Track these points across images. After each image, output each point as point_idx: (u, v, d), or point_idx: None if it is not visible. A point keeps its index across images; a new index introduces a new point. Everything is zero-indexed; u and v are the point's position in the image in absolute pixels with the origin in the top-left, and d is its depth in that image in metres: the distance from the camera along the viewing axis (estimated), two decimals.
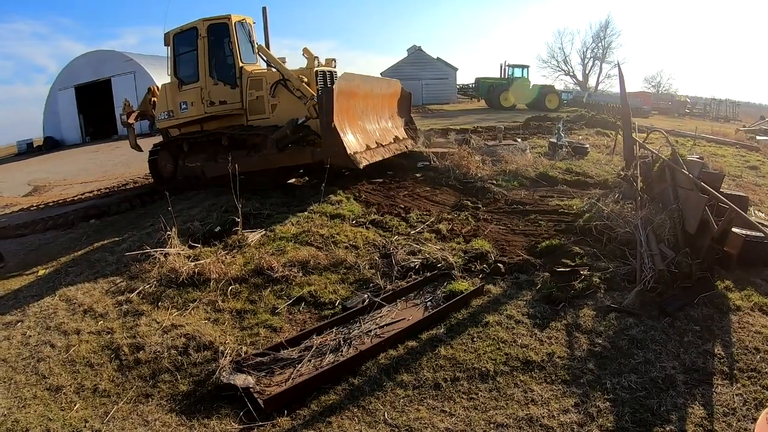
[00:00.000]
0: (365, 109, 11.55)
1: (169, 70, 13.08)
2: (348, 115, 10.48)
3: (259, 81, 11.89)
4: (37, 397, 4.81)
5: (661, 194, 7.30)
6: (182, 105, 12.75)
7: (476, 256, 6.56)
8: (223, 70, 12.26)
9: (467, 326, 5.04)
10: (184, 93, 12.67)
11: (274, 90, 11.61)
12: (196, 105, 12.45)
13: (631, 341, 4.59)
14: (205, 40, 12.12)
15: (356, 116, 10.99)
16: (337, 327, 5.28)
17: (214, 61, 12.27)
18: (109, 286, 7.19)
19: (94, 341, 5.69)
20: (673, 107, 47.34)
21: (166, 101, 13.21)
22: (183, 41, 12.64)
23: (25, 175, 24.57)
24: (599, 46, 67.62)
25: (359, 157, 10.07)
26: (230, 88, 12.15)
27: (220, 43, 12.30)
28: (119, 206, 12.82)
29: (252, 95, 11.99)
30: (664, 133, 10.23)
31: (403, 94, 13.94)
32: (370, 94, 11.83)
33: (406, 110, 14.18)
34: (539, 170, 11.31)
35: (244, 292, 6.37)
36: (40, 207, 15.29)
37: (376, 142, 11.24)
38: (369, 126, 11.54)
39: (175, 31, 12.71)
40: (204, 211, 9.79)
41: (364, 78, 11.61)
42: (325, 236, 7.64)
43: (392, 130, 12.70)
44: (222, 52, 12.33)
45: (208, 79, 12.21)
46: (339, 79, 10.49)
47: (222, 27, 12.11)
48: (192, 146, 12.99)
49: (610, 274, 5.83)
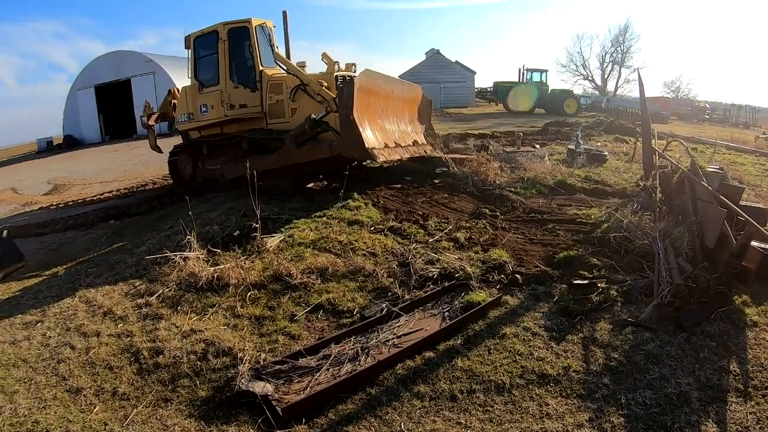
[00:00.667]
0: (385, 109, 11.53)
1: (190, 72, 13.19)
2: (368, 111, 10.46)
3: (279, 85, 11.94)
4: (57, 398, 4.88)
5: (680, 206, 7.25)
6: (202, 108, 12.88)
7: (494, 267, 6.57)
8: (243, 74, 12.35)
9: (484, 338, 5.07)
10: (205, 96, 12.79)
11: (294, 94, 11.66)
12: (216, 108, 12.55)
13: (646, 356, 4.59)
14: (225, 44, 12.23)
15: (376, 114, 10.97)
16: (355, 336, 5.31)
17: (235, 64, 12.38)
18: (129, 288, 7.27)
19: (114, 344, 5.76)
20: (692, 113, 47.00)
21: (187, 104, 13.32)
22: (204, 44, 12.76)
23: (45, 173, 24.83)
24: (618, 50, 67.21)
25: (377, 152, 10.07)
26: (250, 91, 12.23)
27: (241, 46, 12.39)
28: (139, 207, 12.97)
29: (272, 99, 12.06)
30: (684, 144, 10.18)
31: (423, 100, 13.90)
32: (390, 95, 11.82)
33: (427, 116, 14.14)
34: (557, 178, 11.30)
35: (262, 299, 6.41)
36: (60, 206, 15.49)
37: (394, 142, 11.22)
38: (388, 126, 11.52)
39: (196, 34, 12.85)
40: (223, 215, 9.85)
41: (385, 78, 11.63)
42: (344, 243, 7.68)
43: (411, 133, 12.66)
44: (242, 55, 12.42)
45: (228, 82, 12.32)
46: (360, 74, 10.48)
47: (242, 31, 12.20)
48: (212, 149, 13.10)
49: (627, 287, 5.81)
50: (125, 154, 29.07)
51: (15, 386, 5.14)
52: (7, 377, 5.32)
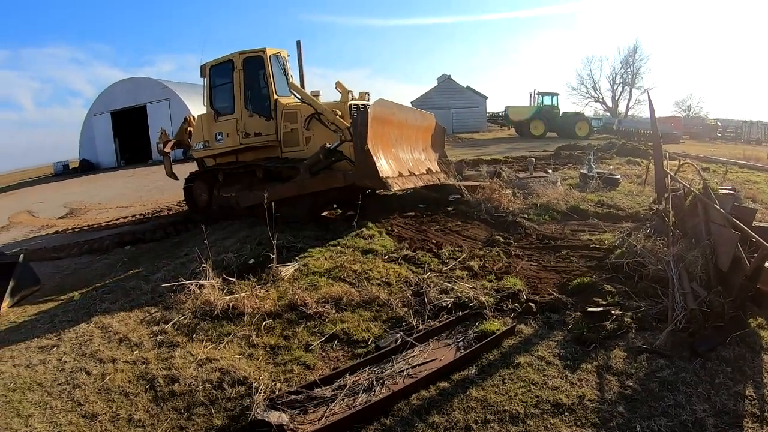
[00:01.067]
0: (399, 138, 11.58)
1: (205, 101, 13.41)
2: (382, 140, 10.51)
3: (294, 114, 12.11)
4: (72, 423, 4.96)
5: (693, 229, 7.24)
6: (218, 136, 13.08)
7: (508, 295, 6.58)
8: (258, 103, 12.55)
9: (498, 367, 5.07)
10: (220, 124, 12.99)
11: (308, 123, 11.80)
12: (231, 136, 12.73)
13: (661, 383, 4.57)
14: (240, 73, 12.45)
15: (390, 143, 11.04)
16: (370, 366, 5.33)
17: (250, 93, 12.59)
18: (144, 315, 7.38)
19: (130, 371, 5.84)
20: (703, 131, 46.99)
21: (202, 131, 13.55)
22: (219, 73, 12.98)
23: (61, 196, 25.19)
24: (628, 71, 67.47)
25: (391, 181, 10.11)
26: (265, 120, 12.42)
27: (256, 75, 12.60)
28: (154, 233, 13.17)
29: (286, 128, 12.21)
30: (695, 167, 10.18)
31: (437, 128, 13.95)
32: (404, 123, 11.87)
33: (440, 144, 14.20)
34: (570, 203, 11.31)
35: (277, 328, 6.45)
36: (76, 230, 15.72)
37: (408, 170, 11.27)
38: (402, 155, 11.57)
39: (212, 63, 13.10)
40: (238, 243, 9.95)
41: (399, 107, 11.70)
42: (358, 272, 7.72)
43: (425, 161, 12.70)
44: (257, 84, 12.63)
45: (243, 110, 12.52)
46: (374, 103, 10.58)
47: (257, 60, 12.42)
48: (227, 176, 13.30)
49: (641, 313, 5.79)
50: (140, 179, 29.37)
51: (30, 410, 5.24)
52: (23, 400, 5.42)
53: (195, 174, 14.73)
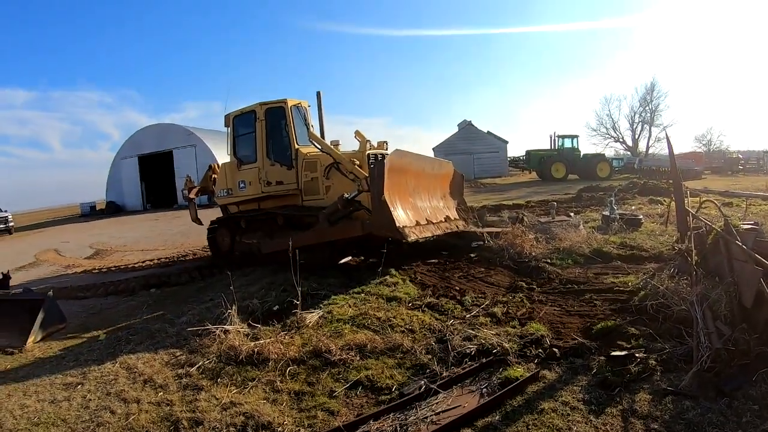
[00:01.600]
0: (417, 187, 11.69)
1: (229, 149, 13.94)
2: (399, 190, 10.64)
3: (314, 163, 12.42)
4: None
5: (716, 267, 7.19)
6: (241, 184, 13.54)
7: (531, 341, 6.56)
8: (279, 152, 12.94)
9: (522, 413, 5.05)
10: (243, 172, 13.45)
11: (328, 173, 12.11)
12: (253, 184, 13.18)
13: (687, 425, 4.52)
14: (262, 123, 12.91)
15: (407, 192, 11.16)
16: (393, 413, 5.34)
17: (271, 143, 13.02)
18: (169, 358, 7.47)
19: (154, 412, 5.90)
20: (725, 165, 46.80)
21: (226, 179, 14.03)
22: (242, 123, 13.49)
23: (88, 237, 25.75)
24: (646, 109, 67.46)
25: (408, 231, 10.18)
26: (286, 169, 12.78)
27: (277, 125, 13.03)
28: (179, 277, 13.44)
29: (307, 176, 12.53)
30: (716, 203, 10.14)
31: (455, 176, 14.06)
32: (422, 173, 12.02)
33: (459, 192, 14.30)
34: (593, 246, 11.29)
35: (302, 374, 6.50)
36: (102, 271, 16.03)
37: (426, 219, 11.36)
38: (420, 203, 11.67)
39: (236, 113, 13.61)
40: (263, 289, 10.07)
41: (416, 156, 11.85)
42: (382, 319, 7.76)
43: (443, 209, 12.79)
44: (279, 134, 13.05)
45: (265, 160, 12.94)
46: (391, 154, 10.74)
47: (279, 111, 12.88)
48: (249, 223, 13.62)
49: (666, 355, 5.75)
50: (166, 223, 29.81)
51: None
52: None
53: (218, 220, 15.12)
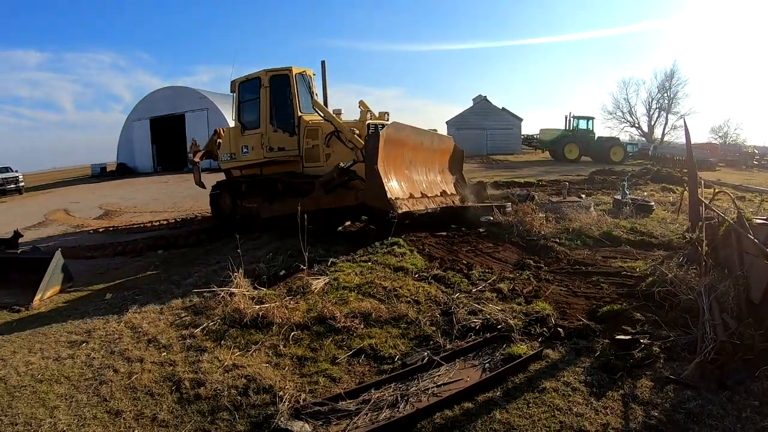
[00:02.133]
0: (414, 160, 11.96)
1: (234, 115, 14.16)
2: (394, 162, 10.86)
3: (316, 131, 12.64)
4: (96, 418, 5.09)
5: (726, 259, 7.13)
6: (244, 149, 13.81)
7: (536, 319, 6.55)
8: (282, 119, 13.13)
9: (524, 391, 5.06)
10: (246, 138, 13.72)
11: (328, 140, 12.34)
12: (256, 150, 13.45)
13: (687, 415, 4.52)
14: (267, 90, 13.08)
15: (403, 165, 11.40)
16: (395, 382, 5.36)
17: (275, 109, 13.18)
18: (174, 318, 7.54)
19: (157, 371, 5.98)
20: (740, 159, 46.28)
21: (230, 144, 14.28)
22: (247, 89, 13.67)
23: (98, 198, 25.83)
24: (665, 96, 66.14)
25: (399, 202, 10.39)
26: (289, 135, 12.99)
27: (282, 92, 13.15)
28: (187, 239, 13.51)
29: (308, 144, 12.77)
30: (730, 195, 10.07)
31: (455, 151, 14.33)
32: (419, 146, 12.23)
33: (458, 167, 14.52)
34: (603, 229, 11.23)
35: (305, 339, 6.54)
36: (110, 231, 16.17)
37: (421, 192, 11.65)
38: (416, 176, 11.95)
39: (241, 79, 13.77)
40: (270, 254, 10.10)
41: (414, 129, 11.97)
42: (388, 289, 7.78)
43: (440, 183, 13.08)
44: (283, 101, 13.16)
45: (268, 126, 13.15)
46: (387, 126, 10.93)
47: (283, 78, 13.03)
48: (250, 188, 13.92)
49: (670, 343, 5.73)
50: (175, 186, 29.82)
51: (56, 401, 5.39)
52: (49, 392, 5.58)
53: (221, 183, 15.59)
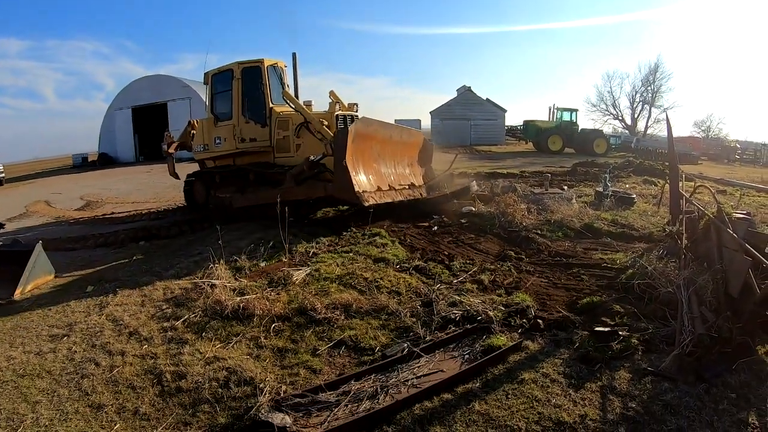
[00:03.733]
0: (382, 153, 12.35)
1: (207, 106, 14.46)
2: (363, 155, 11.23)
3: (286, 122, 12.91)
4: (78, 412, 5.06)
5: (705, 253, 7.20)
6: (216, 140, 14.04)
7: (516, 311, 6.57)
8: (254, 110, 13.37)
9: (503, 382, 5.08)
10: (219, 129, 13.92)
11: (298, 131, 12.61)
12: (228, 141, 13.68)
13: (665, 407, 4.55)
14: (239, 82, 13.31)
15: (371, 158, 11.79)
16: (375, 374, 5.37)
17: (247, 101, 13.40)
18: (155, 311, 7.49)
19: (138, 364, 5.94)
20: (722, 153, 46.71)
21: (203, 135, 14.47)
22: (220, 81, 13.89)
23: (79, 188, 25.56)
24: (648, 90, 66.50)
25: (367, 195, 10.70)
26: (260, 126, 13.26)
27: (253, 84, 13.36)
28: (169, 230, 13.43)
29: (279, 134, 13.05)
30: (711, 190, 10.12)
31: (425, 144, 14.78)
32: (388, 140, 12.63)
33: (427, 160, 14.98)
34: (584, 221, 11.28)
35: (286, 331, 6.52)
36: (92, 222, 16.00)
37: (389, 185, 12.01)
38: (384, 169, 12.35)
39: (214, 71, 14.00)
40: (252, 245, 10.03)
41: (383, 124, 12.42)
42: (369, 280, 7.78)
43: (409, 176, 13.48)
44: (254, 93, 13.37)
45: (240, 117, 13.39)
46: (356, 122, 11.21)
47: (255, 70, 13.26)
48: (223, 178, 14.17)
49: (649, 335, 5.78)
50: (158, 176, 29.60)
51: (38, 396, 5.35)
52: (31, 387, 5.53)
53: (195, 174, 15.97)
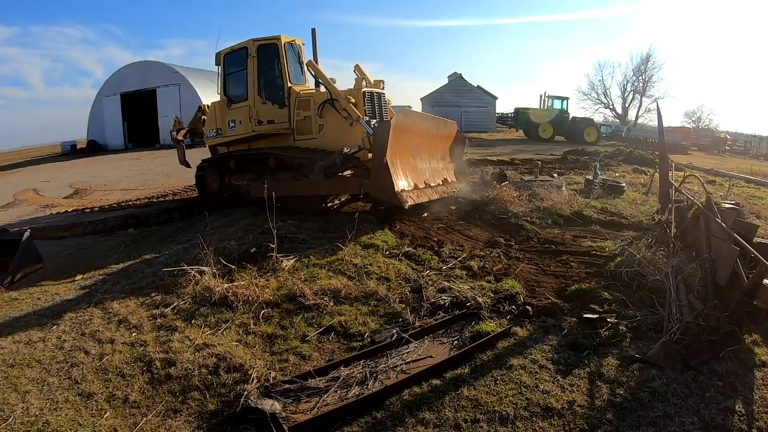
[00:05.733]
0: (418, 147, 11.56)
1: (219, 88, 13.61)
2: (400, 150, 10.49)
3: (307, 101, 12.24)
4: (68, 401, 5.00)
5: (694, 242, 7.23)
6: (230, 123, 13.29)
7: (505, 297, 6.59)
8: (271, 90, 12.68)
9: (491, 368, 5.10)
10: (233, 111, 13.19)
11: (321, 110, 11.90)
12: (244, 123, 12.92)
13: (652, 393, 4.59)
14: (254, 60, 12.57)
15: (408, 153, 11.03)
16: (364, 359, 5.36)
17: (263, 80, 12.71)
18: (145, 298, 7.44)
19: (127, 352, 5.89)
20: (712, 144, 47.09)
21: (215, 119, 13.77)
22: (233, 61, 13.13)
23: (68, 176, 25.34)
24: (640, 79, 66.68)
25: (406, 195, 10.10)
26: (278, 107, 12.56)
27: (270, 63, 12.71)
28: (158, 217, 13.20)
29: (299, 115, 12.34)
30: (700, 180, 10.16)
31: (458, 136, 13.66)
32: (425, 133, 11.83)
33: (460, 153, 13.93)
34: (574, 208, 11.31)
35: (275, 317, 6.49)
36: (80, 210, 15.77)
37: (424, 182, 11.30)
38: (420, 165, 11.56)
39: (226, 50, 13.24)
40: (241, 231, 9.99)
41: (421, 116, 11.86)
42: (358, 266, 7.77)
43: (442, 171, 12.66)
44: (271, 72, 12.73)
45: (256, 98, 12.67)
46: (398, 115, 10.60)
47: (272, 47, 12.52)
48: (239, 164, 13.48)
49: (637, 322, 5.81)
50: (147, 162, 29.46)
51: (28, 386, 5.29)
52: (21, 377, 5.47)
53: (207, 161, 14.92)
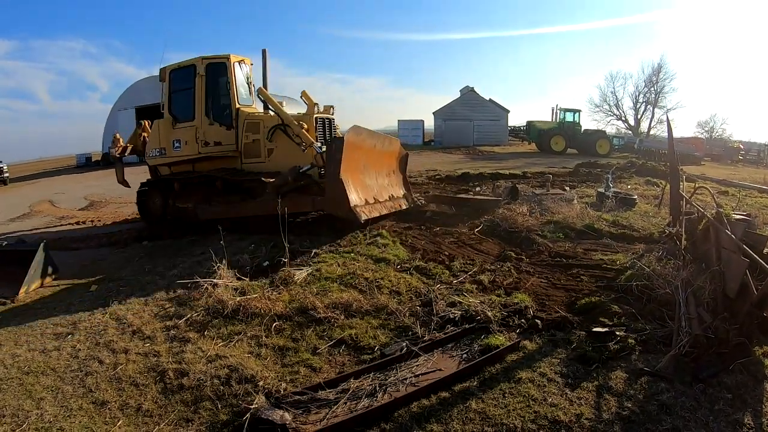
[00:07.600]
0: (367, 164, 11.44)
1: (163, 106, 13.15)
2: (351, 167, 10.37)
3: (257, 124, 12.11)
4: (82, 408, 5.11)
5: (704, 254, 7.23)
6: (175, 143, 12.93)
7: (515, 311, 6.61)
8: (219, 111, 12.49)
9: (500, 381, 5.13)
10: (179, 131, 12.87)
11: (271, 135, 11.79)
12: (190, 144, 12.65)
13: (660, 407, 4.59)
14: (202, 79, 12.38)
15: (358, 170, 10.94)
16: (374, 372, 5.42)
17: (211, 100, 12.46)
18: (158, 309, 7.55)
19: (141, 362, 6.00)
20: (725, 154, 46.57)
21: (159, 138, 13.28)
22: (180, 78, 12.83)
23: (83, 188, 25.64)
24: (651, 90, 66.36)
25: (359, 210, 10.08)
26: (226, 129, 12.35)
27: (219, 82, 12.53)
28: (172, 231, 13.12)
29: (248, 138, 12.19)
30: (710, 191, 10.16)
31: (401, 154, 13.49)
32: (373, 150, 11.72)
33: (403, 169, 13.66)
34: (585, 222, 11.32)
35: (287, 330, 6.57)
36: (95, 223, 16.03)
37: (374, 197, 11.21)
38: (368, 181, 11.46)
39: (173, 66, 12.97)
40: (253, 245, 10.07)
41: (370, 133, 11.55)
42: (370, 280, 7.81)
43: (388, 187, 12.48)
44: (220, 91, 12.52)
45: (203, 118, 12.46)
46: (350, 130, 10.45)
47: (220, 66, 12.37)
48: (184, 186, 12.95)
49: (646, 336, 5.82)
50: None
51: (42, 393, 5.41)
52: (36, 384, 5.59)
53: (149, 182, 14.22)
